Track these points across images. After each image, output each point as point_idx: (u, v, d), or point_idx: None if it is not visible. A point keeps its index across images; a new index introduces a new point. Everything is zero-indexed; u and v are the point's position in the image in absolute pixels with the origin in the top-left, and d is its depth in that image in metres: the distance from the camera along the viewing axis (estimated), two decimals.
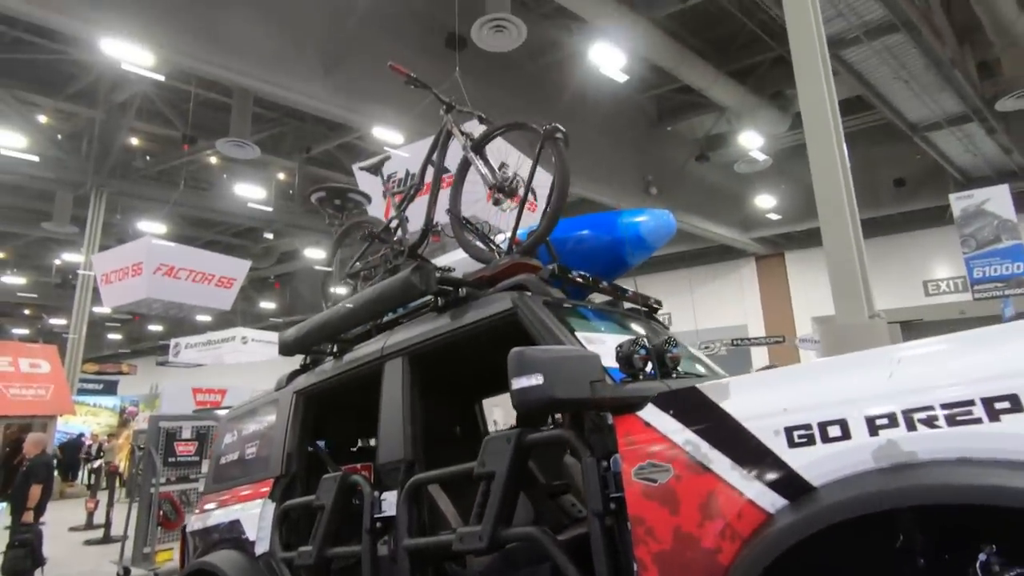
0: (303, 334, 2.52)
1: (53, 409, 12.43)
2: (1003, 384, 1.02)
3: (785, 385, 1.31)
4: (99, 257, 9.86)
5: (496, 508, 1.57)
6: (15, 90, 13.09)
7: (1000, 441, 0.99)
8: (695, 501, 1.25)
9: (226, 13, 8.77)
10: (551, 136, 2.22)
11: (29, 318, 30.73)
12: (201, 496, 2.85)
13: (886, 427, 1.09)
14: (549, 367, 1.39)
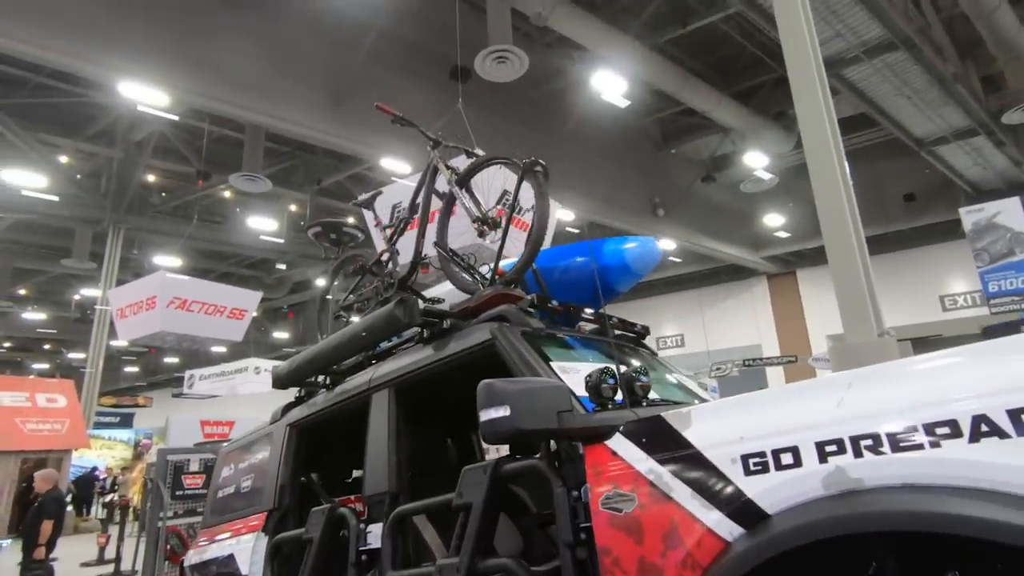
0: (295, 367, 2.55)
1: (68, 443, 12.56)
2: (942, 411, 1.03)
3: (743, 412, 1.32)
4: (115, 292, 10.06)
5: (473, 540, 1.57)
6: (39, 133, 13.56)
7: (941, 467, 0.99)
8: (658, 530, 1.24)
9: (237, 54, 9.07)
10: (530, 169, 2.26)
11: (49, 353, 31.23)
12: (200, 530, 2.85)
13: (835, 454, 1.09)
14: (516, 399, 1.41)
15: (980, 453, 0.97)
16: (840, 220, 5.33)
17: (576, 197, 13.67)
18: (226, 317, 9.56)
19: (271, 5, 9.27)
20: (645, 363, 2.23)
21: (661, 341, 20.98)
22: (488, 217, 2.40)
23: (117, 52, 8.20)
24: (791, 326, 18.52)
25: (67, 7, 7.72)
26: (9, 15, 7.40)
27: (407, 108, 11.11)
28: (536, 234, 2.22)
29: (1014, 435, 0.95)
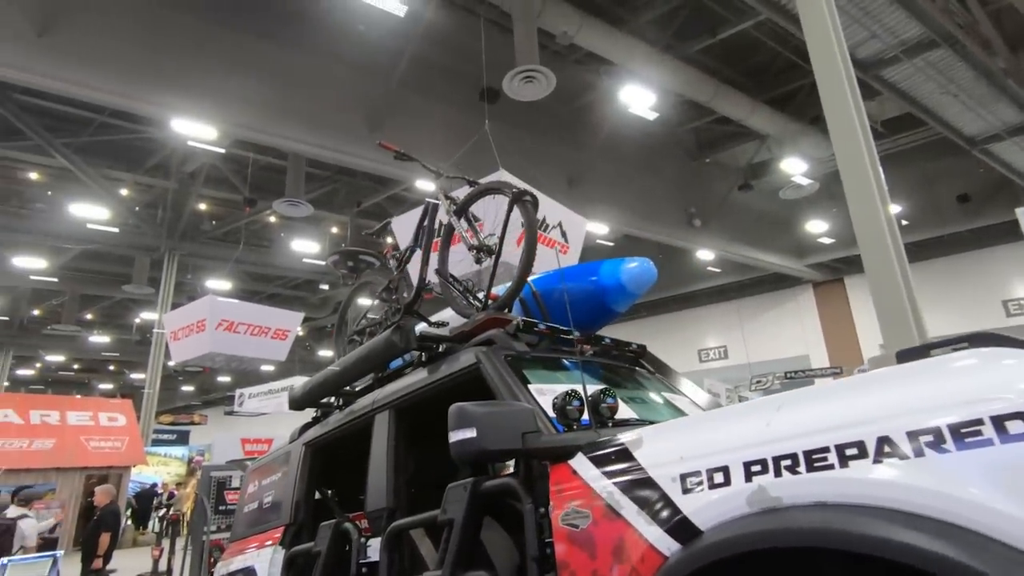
0: (308, 390, 2.69)
1: (128, 460, 13.25)
2: (852, 432, 1.06)
3: (687, 433, 1.37)
4: (168, 316, 10.59)
5: (454, 553, 1.63)
6: (102, 168, 14.55)
7: (850, 486, 1.03)
8: (609, 545, 1.30)
9: (277, 87, 9.55)
10: (519, 199, 2.33)
11: (113, 373, 33.03)
12: (228, 543, 3.00)
13: (759, 473, 1.13)
14: (482, 421, 1.48)
15: (882, 473, 1.01)
16: (875, 226, 5.17)
17: (609, 210, 13.63)
18: (270, 338, 9.91)
19: (308, 39, 9.72)
20: (634, 383, 2.26)
21: (703, 353, 20.51)
22: (484, 245, 2.48)
23: (170, 91, 8.77)
24: (840, 336, 17.81)
25: (126, 54, 8.32)
26: (79, 63, 8.04)
27: (439, 130, 11.45)
28: (525, 261, 2.28)
29: (912, 456, 0.99)
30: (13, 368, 26.60)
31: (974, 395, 0.99)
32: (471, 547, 1.68)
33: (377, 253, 3.30)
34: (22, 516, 5.60)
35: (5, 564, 3.77)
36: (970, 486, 0.93)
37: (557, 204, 6.48)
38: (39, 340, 24.35)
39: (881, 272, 5.05)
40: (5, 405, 12.57)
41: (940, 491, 0.94)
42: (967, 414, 0.97)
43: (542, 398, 1.73)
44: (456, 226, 2.61)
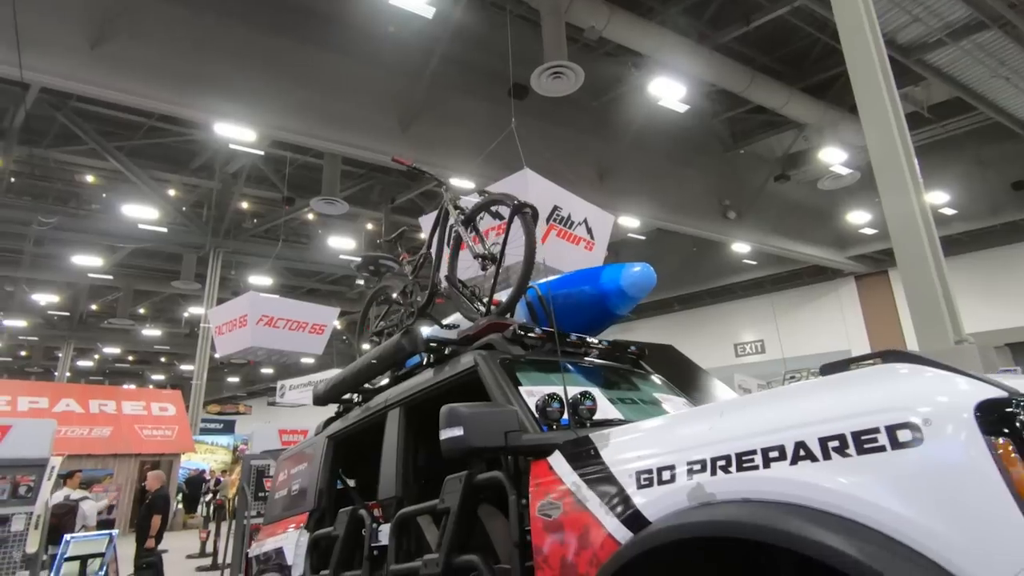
0: (329, 388, 2.87)
1: (177, 448, 13.98)
2: (776, 436, 1.17)
3: (646, 434, 1.49)
4: (213, 312, 11.08)
5: (449, 539, 1.79)
6: (151, 170, 15.27)
7: (771, 484, 1.13)
8: (575, 533, 1.43)
9: (313, 89, 9.85)
10: (519, 211, 2.41)
11: (165, 365, 34.64)
12: (261, 526, 3.22)
13: (698, 472, 1.25)
14: (469, 420, 1.62)
15: (796, 474, 1.11)
16: (909, 220, 5.04)
17: (642, 203, 13.52)
18: (308, 332, 10.25)
19: (341, 42, 9.98)
20: (628, 384, 2.33)
21: (739, 348, 20.13)
22: (488, 253, 2.57)
23: (212, 96, 9.16)
24: (884, 330, 17.21)
25: (171, 61, 8.74)
26: (129, 72, 8.50)
27: (469, 127, 11.56)
28: (524, 268, 2.36)
29: (821, 459, 1.10)
30: (74, 359, 28.21)
31: (873, 407, 1.09)
32: (466, 532, 1.82)
33: (396, 258, 3.44)
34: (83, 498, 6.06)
35: (68, 541, 4.13)
36: (865, 487, 1.03)
37: (582, 201, 6.50)
38: (97, 333, 25.77)
39: (914, 267, 4.92)
40: (68, 395, 13.46)
41: (840, 491, 1.05)
42: (866, 423, 1.07)
43: (532, 399, 1.84)
44: (463, 235, 2.71)
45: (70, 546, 4.03)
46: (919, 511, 0.97)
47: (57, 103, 12.68)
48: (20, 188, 15.86)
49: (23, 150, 13.79)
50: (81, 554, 4.00)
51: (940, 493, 0.97)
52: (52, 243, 17.30)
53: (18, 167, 15.02)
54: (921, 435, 1.01)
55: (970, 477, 0.96)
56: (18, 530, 4.10)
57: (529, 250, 2.35)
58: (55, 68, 8.20)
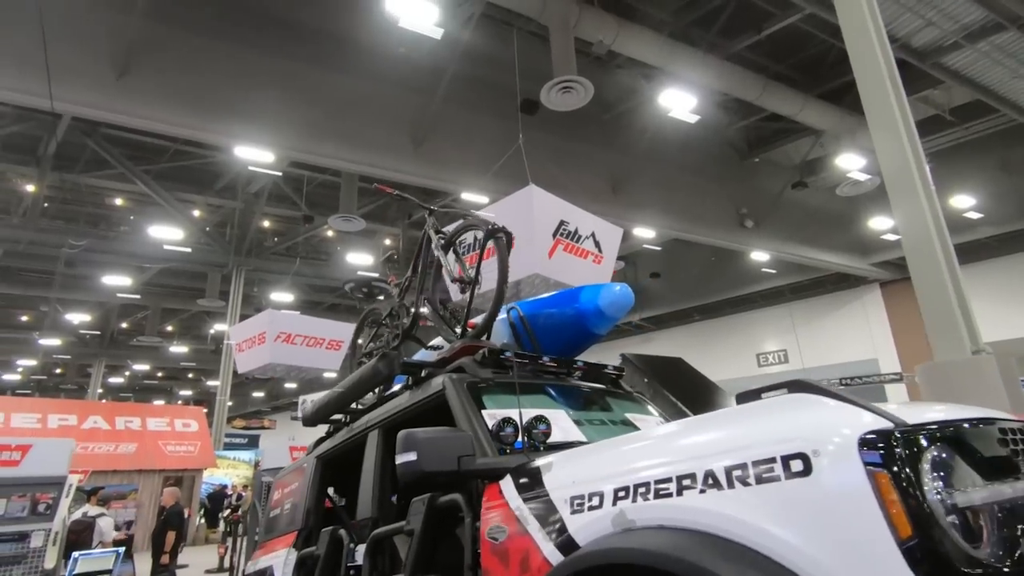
0: (316, 409, 2.92)
1: (199, 463, 14.23)
2: (689, 465, 1.18)
3: (585, 460, 1.50)
4: (233, 329, 11.30)
5: (412, 560, 1.81)
6: (177, 192, 15.75)
7: (682, 512, 1.15)
8: (518, 557, 1.44)
9: (327, 110, 10.09)
10: (492, 235, 2.44)
11: (192, 381, 35.38)
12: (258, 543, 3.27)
13: (623, 498, 1.26)
14: (422, 445, 1.65)
15: (705, 501, 1.13)
16: (920, 225, 4.93)
17: (656, 214, 13.46)
18: (325, 348, 10.36)
19: (354, 64, 10.21)
20: (601, 406, 2.32)
21: (761, 358, 19.76)
22: (466, 277, 2.60)
23: (231, 121, 9.45)
24: (912, 337, 16.71)
25: (192, 88, 9.06)
26: (153, 100, 8.83)
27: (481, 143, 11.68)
28: (498, 291, 2.38)
29: (726, 487, 1.11)
30: (106, 376, 29.00)
31: (772, 437, 1.11)
32: (429, 553, 1.84)
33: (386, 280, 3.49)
34: (100, 515, 6.22)
35: (76, 558, 4.24)
36: (762, 515, 1.04)
37: (589, 214, 6.51)
38: (127, 351, 26.47)
39: (928, 275, 4.81)
40: (95, 412, 13.84)
41: (741, 519, 1.06)
42: (765, 453, 1.09)
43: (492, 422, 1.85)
44: (442, 260, 2.74)
45: (79, 563, 4.14)
46: (807, 540, 0.98)
47: (88, 130, 13.19)
48: (53, 212, 16.48)
49: (56, 176, 14.37)
50: (90, 571, 4.10)
51: (826, 522, 0.99)
52: (83, 264, 17.91)
53: (51, 192, 15.62)
54: (811, 465, 1.03)
55: (851, 507, 0.97)
56: (37, 546, 4.24)
57: (502, 274, 2.38)
58: (83, 98, 8.56)
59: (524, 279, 5.48)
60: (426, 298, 2.83)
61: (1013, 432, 1.17)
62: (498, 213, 5.32)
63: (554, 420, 1.82)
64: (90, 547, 5.31)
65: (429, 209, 3.06)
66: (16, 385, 32.08)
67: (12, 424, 12.30)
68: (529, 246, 5.46)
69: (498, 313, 2.47)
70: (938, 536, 0.95)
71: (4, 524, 4.23)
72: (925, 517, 0.95)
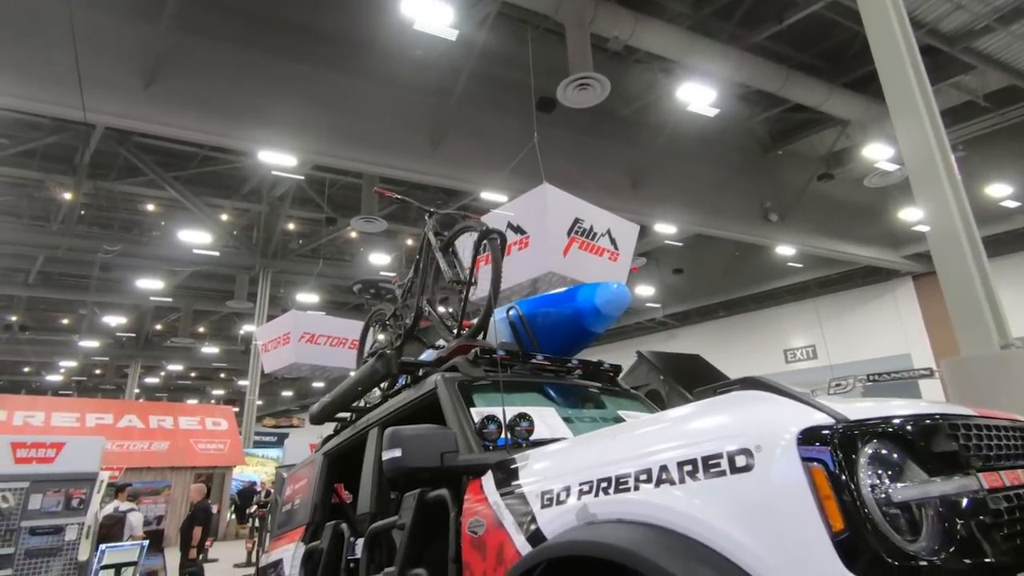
0: (321, 408, 3.00)
1: (229, 461, 14.61)
2: (646, 460, 1.20)
3: (558, 456, 1.53)
4: (259, 330, 11.56)
5: (403, 554, 1.86)
6: (205, 197, 16.19)
7: (638, 506, 1.17)
8: (494, 549, 1.48)
9: (347, 113, 10.25)
10: (486, 236, 2.46)
11: (223, 381, 36.29)
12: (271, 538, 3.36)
13: (587, 493, 1.29)
14: (407, 442, 1.69)
15: (658, 496, 1.15)
16: (946, 217, 4.80)
17: (677, 209, 13.31)
18: (348, 348, 10.50)
19: (371, 67, 10.35)
20: (593, 403, 2.33)
21: (789, 354, 19.37)
22: (462, 278, 2.63)
23: (255, 126, 9.68)
24: (947, 331, 16.15)
25: (216, 96, 9.31)
26: (180, 108, 9.10)
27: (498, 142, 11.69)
28: (491, 293, 2.40)
29: (677, 482, 1.13)
30: (142, 377, 29.95)
31: (721, 432, 1.13)
32: (420, 547, 1.89)
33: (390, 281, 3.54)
34: (131, 510, 6.46)
35: (103, 550, 4.43)
36: (708, 509, 1.07)
37: (605, 212, 6.49)
38: (161, 352, 27.29)
39: (953, 269, 4.67)
40: (130, 411, 14.35)
41: (689, 513, 1.09)
42: (713, 448, 1.11)
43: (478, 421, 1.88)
44: (440, 261, 2.77)
45: (106, 555, 4.33)
46: (750, 534, 1.00)
47: (120, 139, 13.64)
48: (89, 219, 17.10)
49: (91, 184, 14.90)
50: (116, 563, 4.28)
51: (767, 517, 1.00)
52: (118, 268, 18.53)
53: (86, 199, 16.20)
54: (754, 460, 1.05)
55: (790, 501, 0.99)
56: (71, 539, 4.45)
57: (496, 275, 2.40)
58: (113, 108, 8.86)
59: (540, 277, 5.49)
60: (427, 299, 2.88)
61: (966, 428, 1.16)
62: (513, 212, 5.34)
63: (542, 417, 1.85)
64: (121, 540, 5.53)
65: (429, 211, 3.09)
66: (58, 386, 33.38)
67: (52, 423, 12.83)
68: (544, 244, 5.46)
69: (492, 313, 2.49)
70: (870, 530, 0.95)
71: (41, 518, 4.46)
72: (857, 511, 0.96)
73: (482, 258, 2.68)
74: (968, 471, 1.08)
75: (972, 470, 1.08)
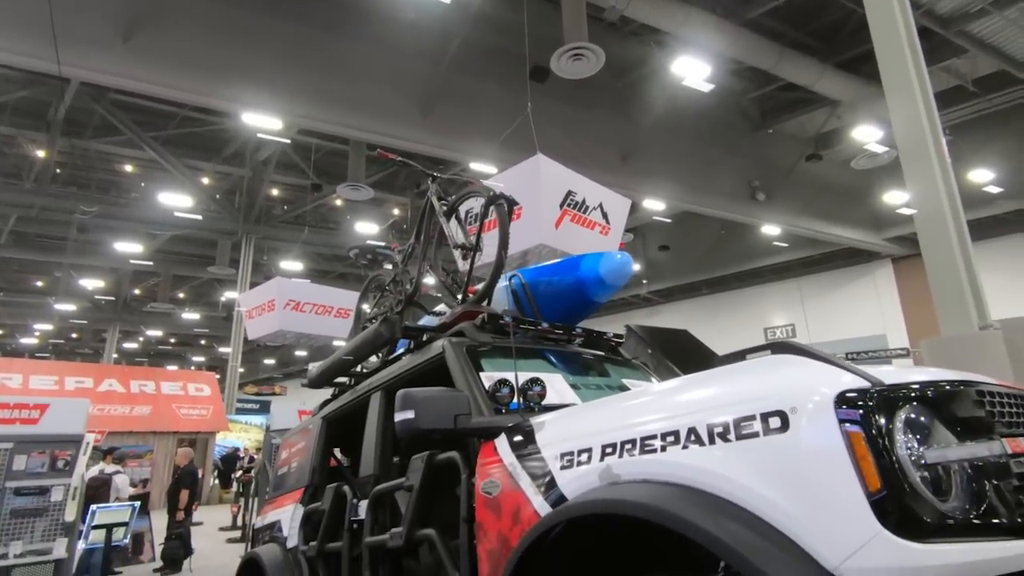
0: (320, 372, 3.00)
1: (212, 426, 14.59)
2: (673, 422, 1.22)
3: (575, 419, 1.55)
4: (244, 296, 11.44)
5: (411, 514, 1.89)
6: (185, 159, 15.76)
7: (665, 467, 1.19)
8: (510, 510, 1.51)
9: (335, 77, 9.98)
10: (493, 201, 2.44)
11: (204, 347, 35.97)
12: (266, 500, 3.40)
13: (610, 455, 1.31)
14: (420, 404, 1.70)
15: (686, 456, 1.17)
16: (933, 198, 4.87)
17: (667, 185, 13.30)
18: (334, 316, 10.46)
19: (362, 30, 10.04)
20: (598, 371, 2.37)
21: (769, 332, 19.75)
22: (468, 244, 2.62)
23: (238, 86, 9.38)
24: (923, 313, 16.56)
25: (199, 53, 8.97)
26: (160, 64, 8.77)
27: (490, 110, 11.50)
28: (497, 259, 2.40)
29: (707, 443, 1.15)
30: (120, 342, 29.54)
31: (753, 395, 1.15)
32: (427, 508, 1.92)
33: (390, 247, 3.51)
34: (116, 472, 6.46)
35: (94, 511, 4.43)
36: (739, 469, 1.09)
37: (597, 185, 6.46)
38: (140, 317, 26.89)
39: (938, 250, 4.76)
40: (110, 376, 14.18)
41: (719, 472, 1.11)
42: (746, 411, 1.13)
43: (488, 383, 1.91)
44: (445, 226, 2.75)
45: (96, 515, 4.32)
46: (782, 493, 1.03)
47: (96, 95, 13.15)
48: (64, 178, 16.57)
49: (66, 142, 14.39)
50: (107, 523, 4.29)
51: (801, 476, 1.02)
52: (95, 230, 18.08)
53: (62, 158, 15.68)
54: (789, 423, 1.07)
55: (825, 461, 1.01)
56: (57, 500, 4.44)
57: (503, 241, 2.39)
58: (90, 63, 8.51)
59: (531, 249, 5.46)
60: (429, 264, 2.87)
61: (991, 395, 1.21)
62: (505, 183, 5.29)
63: (550, 384, 1.86)
64: (107, 502, 5.54)
65: (432, 175, 3.05)
66: (34, 348, 32.81)
67: (31, 385, 12.64)
68: (536, 216, 5.43)
69: (498, 279, 2.50)
70: (905, 489, 0.99)
71: (25, 479, 4.44)
72: (894, 471, 0.99)
73: (488, 223, 2.67)
74: (992, 436, 1.12)
75: (996, 435, 1.13)
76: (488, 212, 2.56)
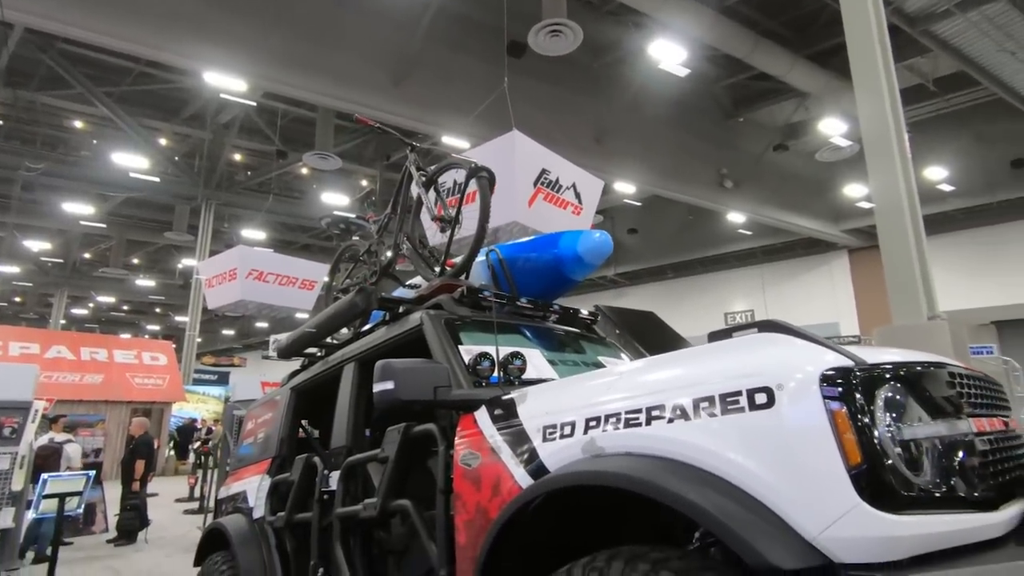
0: (291, 342, 2.94)
1: (168, 396, 14.21)
2: (658, 397, 1.25)
3: (557, 392, 1.58)
4: (203, 264, 11.07)
5: (386, 486, 1.90)
6: (141, 118, 14.99)
7: (649, 440, 1.22)
8: (489, 481, 1.53)
9: (304, 39, 9.59)
10: (475, 174, 2.41)
11: (159, 316, 34.80)
12: (229, 471, 3.35)
13: (594, 428, 1.34)
14: (400, 375, 1.69)
15: (671, 431, 1.20)
16: (892, 192, 5.04)
17: (637, 168, 13.39)
18: (298, 288, 10.25)
19: None
20: (573, 347, 2.40)
21: (730, 317, 20.32)
22: (446, 216, 2.59)
23: (200, 43, 8.91)
24: (873, 303, 17.33)
25: (157, 4, 8.46)
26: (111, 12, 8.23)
27: (464, 84, 11.29)
28: (478, 231, 2.39)
29: (692, 418, 1.18)
30: (68, 307, 28.29)
31: (740, 372, 1.18)
32: (402, 480, 1.93)
33: (364, 217, 3.45)
34: (67, 441, 6.24)
35: (45, 480, 4.28)
36: (723, 443, 1.12)
37: (571, 165, 6.45)
38: (90, 282, 25.76)
39: (895, 243, 4.95)
40: (59, 342, 13.58)
41: (703, 446, 1.14)
42: (732, 386, 1.16)
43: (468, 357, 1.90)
44: (423, 198, 2.71)
45: (47, 484, 4.18)
46: (765, 466, 1.06)
47: (43, 45, 12.33)
48: (7, 132, 15.57)
49: (9, 92, 13.49)
50: (59, 492, 4.15)
51: (783, 450, 1.06)
52: (42, 189, 17.10)
53: (4, 110, 14.72)
54: (774, 399, 1.10)
55: (808, 437, 1.05)
56: (4, 468, 4.26)
57: (483, 214, 2.37)
58: (35, 7, 7.95)
59: (502, 227, 5.43)
60: (406, 236, 2.82)
61: (960, 376, 1.28)
62: (479, 158, 5.22)
63: (529, 359, 1.87)
64: (57, 471, 5.35)
65: (411, 145, 2.99)
66: None
67: None
68: (509, 193, 5.39)
69: (478, 253, 2.48)
70: (884, 464, 1.04)
71: None
72: (873, 446, 1.05)
73: (468, 195, 2.63)
74: (960, 415, 1.19)
75: (964, 415, 1.20)
76: (468, 184, 2.52)
